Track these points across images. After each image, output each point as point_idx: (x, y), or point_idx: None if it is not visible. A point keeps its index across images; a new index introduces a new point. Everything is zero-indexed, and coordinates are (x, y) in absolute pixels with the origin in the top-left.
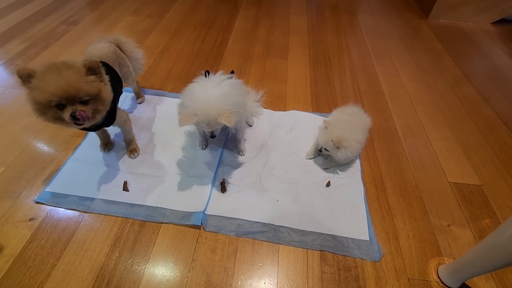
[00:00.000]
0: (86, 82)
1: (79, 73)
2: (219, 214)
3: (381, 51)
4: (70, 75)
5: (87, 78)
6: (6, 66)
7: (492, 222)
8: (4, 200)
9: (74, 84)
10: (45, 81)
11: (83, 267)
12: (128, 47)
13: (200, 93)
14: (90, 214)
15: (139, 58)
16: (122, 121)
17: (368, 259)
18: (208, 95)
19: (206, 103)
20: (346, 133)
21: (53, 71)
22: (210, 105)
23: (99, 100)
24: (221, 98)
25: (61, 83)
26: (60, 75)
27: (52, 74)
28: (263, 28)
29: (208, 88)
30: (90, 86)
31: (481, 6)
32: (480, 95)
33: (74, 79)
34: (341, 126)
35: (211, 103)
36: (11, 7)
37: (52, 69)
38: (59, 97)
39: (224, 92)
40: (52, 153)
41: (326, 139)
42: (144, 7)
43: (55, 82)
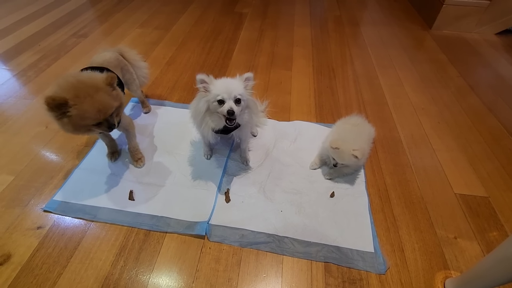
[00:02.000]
0: (113, 99)
1: (107, 92)
2: (223, 224)
3: (384, 62)
4: (103, 97)
5: (113, 94)
6: (18, 77)
7: (500, 234)
8: (13, 208)
9: (108, 105)
10: (82, 109)
11: (88, 276)
12: (130, 55)
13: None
14: (96, 223)
15: (143, 66)
16: (126, 123)
17: (373, 271)
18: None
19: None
20: (358, 141)
21: (86, 97)
22: (232, 84)
23: (121, 106)
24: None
25: (98, 107)
26: (94, 100)
27: (86, 100)
28: (267, 40)
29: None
30: (116, 100)
31: (484, 17)
32: (485, 105)
33: (107, 100)
34: (349, 136)
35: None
36: (24, 20)
37: (83, 94)
38: (99, 119)
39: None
40: (60, 162)
41: (347, 157)
42: (151, 20)
43: (92, 108)
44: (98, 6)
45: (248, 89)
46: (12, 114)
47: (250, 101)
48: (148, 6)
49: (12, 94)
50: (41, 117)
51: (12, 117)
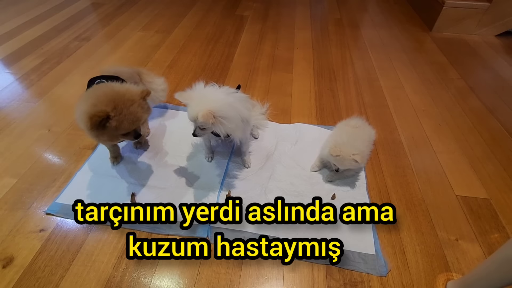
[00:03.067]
0: (145, 112)
1: (141, 105)
2: (225, 227)
3: (385, 64)
4: (137, 110)
5: (145, 107)
6: (21, 80)
7: (501, 236)
8: (16, 211)
9: (141, 117)
10: (119, 120)
11: (90, 279)
12: (147, 77)
13: (207, 90)
14: (98, 226)
15: (160, 89)
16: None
17: (374, 273)
18: (211, 94)
19: (201, 99)
20: (357, 145)
21: (123, 109)
22: (202, 102)
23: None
24: (219, 103)
25: (132, 119)
26: (129, 112)
27: (123, 112)
28: (268, 43)
29: (217, 91)
30: (146, 113)
31: (484, 19)
32: (486, 107)
33: (140, 113)
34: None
35: (204, 102)
36: (26, 24)
37: (121, 107)
38: (130, 129)
39: (227, 101)
40: (62, 165)
41: (348, 162)
42: (153, 23)
43: (127, 120)
44: (100, 9)
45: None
46: (15, 118)
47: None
48: (149, 9)
49: (15, 97)
50: (43, 120)
51: (15, 120)
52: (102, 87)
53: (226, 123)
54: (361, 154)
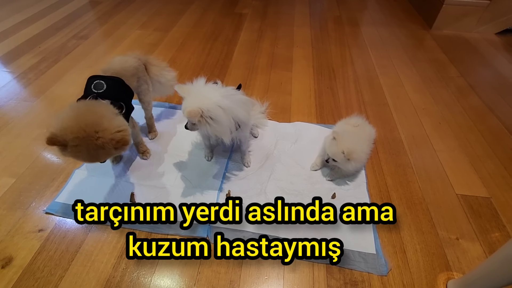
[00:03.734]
0: (110, 155)
1: (107, 151)
2: (224, 227)
3: (384, 62)
4: (100, 154)
5: (113, 152)
6: (19, 79)
7: (502, 235)
8: (14, 211)
9: (103, 158)
10: (77, 156)
11: (90, 279)
12: (154, 70)
13: (206, 88)
14: (98, 225)
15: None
16: (130, 126)
17: (375, 273)
18: (207, 93)
19: (198, 94)
20: (355, 144)
21: (84, 149)
22: (196, 99)
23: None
24: (210, 103)
25: (91, 159)
26: (90, 154)
27: (83, 152)
28: (267, 41)
29: (215, 91)
30: (113, 154)
31: (484, 16)
32: (486, 105)
33: (103, 156)
34: (348, 137)
35: (198, 99)
36: (24, 22)
37: (83, 146)
38: (88, 163)
39: (220, 104)
40: (61, 164)
41: (336, 150)
42: (151, 21)
43: (86, 158)
44: (98, 7)
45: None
46: (13, 117)
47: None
48: (147, 7)
49: (12, 96)
50: (42, 119)
51: (13, 119)
52: (83, 109)
53: (215, 125)
54: (353, 150)
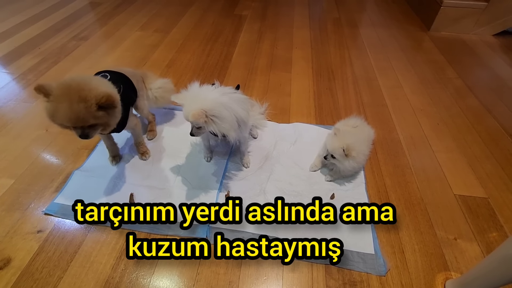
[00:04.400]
0: (93, 117)
1: (89, 108)
2: (224, 227)
3: (383, 63)
4: (80, 109)
5: (96, 113)
6: (18, 80)
7: (500, 235)
8: (13, 212)
9: (83, 118)
10: (57, 109)
11: (89, 280)
12: (147, 81)
13: (202, 90)
14: (97, 226)
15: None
16: (132, 125)
17: (373, 273)
18: (204, 94)
19: (195, 97)
20: (355, 142)
21: (66, 100)
22: (195, 102)
23: (106, 125)
24: (211, 102)
25: (71, 116)
26: (71, 108)
27: (64, 104)
28: (267, 42)
29: (211, 91)
30: (97, 120)
31: (482, 18)
32: (484, 106)
33: (83, 114)
34: (349, 135)
35: (197, 101)
36: (24, 23)
37: (65, 97)
38: (70, 124)
39: (220, 101)
40: (60, 165)
41: (336, 146)
42: (151, 23)
43: (65, 114)
44: (98, 9)
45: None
46: (12, 118)
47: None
48: (147, 9)
49: (12, 97)
50: (41, 120)
51: (12, 120)
52: (78, 75)
53: (220, 122)
54: (353, 148)
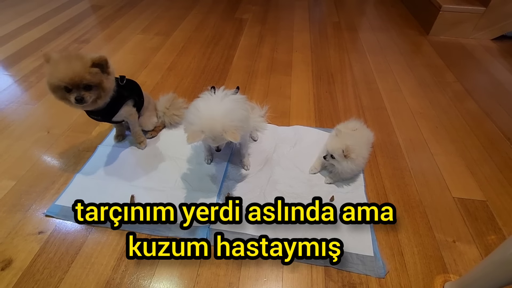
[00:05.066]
0: (89, 73)
1: (85, 64)
2: (224, 228)
3: (382, 67)
4: (77, 65)
5: (91, 70)
6: (20, 82)
7: (498, 238)
8: (14, 213)
9: (79, 74)
10: (56, 68)
11: (89, 281)
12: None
13: (205, 109)
14: (98, 228)
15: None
16: (127, 114)
17: (373, 275)
18: (213, 111)
19: (211, 120)
20: (355, 145)
21: (64, 60)
22: (216, 122)
23: (101, 88)
24: (225, 114)
25: (68, 72)
26: (69, 65)
27: (63, 63)
28: (267, 45)
29: (213, 104)
30: (92, 77)
31: (481, 23)
32: (482, 110)
33: (79, 70)
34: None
35: (216, 120)
36: (26, 26)
37: (64, 58)
38: (66, 83)
39: (228, 107)
40: (61, 167)
41: (336, 146)
42: (152, 26)
43: (63, 70)
44: (100, 12)
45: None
46: (14, 120)
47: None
48: (149, 12)
49: (14, 99)
50: (43, 122)
51: (14, 122)
52: None
53: (242, 130)
54: (353, 149)
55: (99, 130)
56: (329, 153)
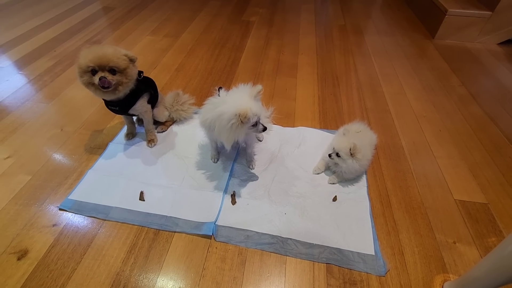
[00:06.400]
0: (117, 57)
1: (116, 51)
2: (229, 225)
3: (387, 70)
4: (108, 49)
5: (121, 56)
6: (34, 82)
7: (498, 240)
8: (30, 206)
9: (107, 56)
10: (89, 50)
11: (101, 272)
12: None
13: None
14: (109, 222)
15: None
16: (143, 110)
17: (373, 273)
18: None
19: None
20: (361, 146)
21: (98, 47)
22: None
23: (125, 74)
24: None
25: (98, 53)
26: (101, 49)
27: (96, 48)
28: (273, 48)
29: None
30: (119, 61)
31: (487, 27)
32: (487, 114)
33: (109, 53)
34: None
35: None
36: (41, 27)
37: (99, 46)
38: (94, 63)
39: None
40: (74, 163)
41: (344, 144)
42: (161, 28)
43: (94, 53)
44: (111, 14)
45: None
46: (29, 117)
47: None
48: (158, 14)
49: (29, 97)
50: (56, 120)
51: (29, 119)
52: None
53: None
54: (360, 149)
55: (110, 128)
56: (335, 151)
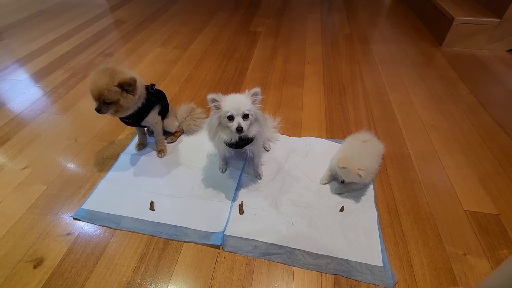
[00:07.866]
0: (108, 90)
1: (109, 83)
2: (237, 235)
3: (394, 79)
4: (102, 82)
5: (112, 89)
6: (50, 94)
7: (510, 252)
8: (45, 215)
9: (99, 89)
10: (90, 79)
11: (112, 281)
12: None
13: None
14: (120, 231)
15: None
16: (154, 122)
17: (381, 285)
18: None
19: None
20: (366, 158)
21: (97, 74)
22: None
23: (118, 106)
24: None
25: (92, 87)
26: (97, 80)
27: (95, 76)
28: (280, 58)
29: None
30: (109, 94)
31: (495, 34)
32: (496, 122)
33: (101, 86)
34: (358, 153)
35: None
36: (56, 41)
37: (99, 72)
38: (91, 94)
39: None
40: (87, 173)
41: (353, 176)
42: (171, 40)
43: (91, 84)
44: (122, 27)
45: (256, 104)
46: (45, 128)
47: (259, 115)
48: (167, 26)
49: (44, 109)
50: (71, 131)
51: (44, 131)
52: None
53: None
54: (367, 170)
55: (122, 139)
56: (348, 181)
